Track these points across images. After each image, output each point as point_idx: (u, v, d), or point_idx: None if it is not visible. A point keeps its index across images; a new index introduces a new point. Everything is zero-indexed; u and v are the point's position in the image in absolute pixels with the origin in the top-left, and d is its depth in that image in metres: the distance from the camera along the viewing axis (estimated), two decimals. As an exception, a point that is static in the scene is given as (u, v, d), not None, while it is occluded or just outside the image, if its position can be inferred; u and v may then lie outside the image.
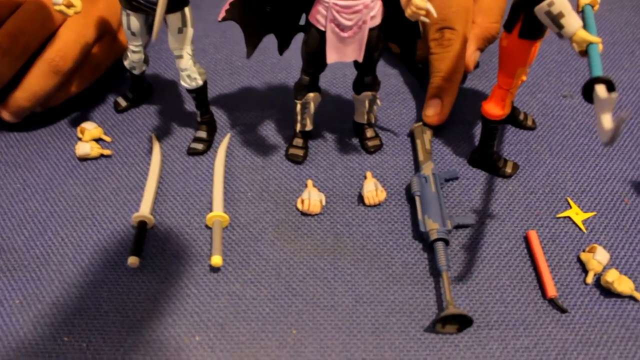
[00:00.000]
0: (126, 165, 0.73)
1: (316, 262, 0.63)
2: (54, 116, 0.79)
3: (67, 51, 0.71)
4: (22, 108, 0.74)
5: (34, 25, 0.70)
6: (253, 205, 0.68)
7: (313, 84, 0.67)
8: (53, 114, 0.78)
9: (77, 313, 0.60)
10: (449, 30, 0.74)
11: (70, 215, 0.68)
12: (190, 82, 0.69)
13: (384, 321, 0.59)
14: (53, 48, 0.71)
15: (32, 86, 0.72)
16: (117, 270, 0.63)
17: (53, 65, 0.71)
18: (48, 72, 0.71)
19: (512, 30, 0.60)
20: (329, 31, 0.60)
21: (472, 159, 0.71)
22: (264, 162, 0.72)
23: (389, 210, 0.67)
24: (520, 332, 0.58)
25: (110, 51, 0.78)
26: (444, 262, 0.61)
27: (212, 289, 0.61)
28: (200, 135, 0.73)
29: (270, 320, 0.59)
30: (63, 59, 0.71)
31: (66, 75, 0.73)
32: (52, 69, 0.71)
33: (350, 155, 0.73)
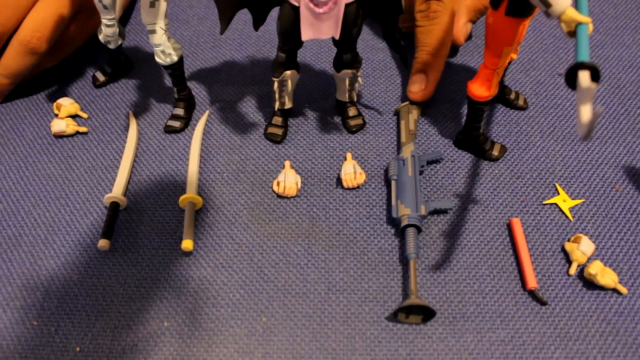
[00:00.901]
0: (102, 143, 0.71)
1: (290, 247, 0.61)
2: (30, 90, 0.77)
3: (43, 31, 0.69)
4: (2, 85, 0.72)
5: (10, 5, 0.68)
6: (228, 187, 0.66)
7: (290, 61, 0.64)
8: (29, 88, 0.77)
9: (46, 296, 0.59)
10: (435, 2, 0.70)
11: (43, 194, 0.67)
12: (165, 58, 0.66)
13: (356, 310, 0.57)
14: (28, 28, 0.69)
15: (10, 65, 0.70)
16: (88, 253, 0.62)
17: (30, 46, 0.69)
18: (24, 53, 0.70)
19: (498, 7, 0.57)
20: (303, 7, 0.57)
21: (457, 141, 0.68)
22: (242, 141, 0.70)
23: (367, 193, 0.65)
24: (497, 325, 0.56)
25: (85, 27, 0.76)
26: (413, 250, 0.58)
27: (182, 274, 0.60)
28: (178, 112, 0.71)
29: (240, 307, 0.58)
30: (39, 39, 0.69)
31: (44, 54, 0.71)
32: (29, 50, 0.69)
33: (331, 135, 0.70)
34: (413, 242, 0.59)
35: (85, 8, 0.74)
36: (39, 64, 0.73)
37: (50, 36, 0.70)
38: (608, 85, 0.74)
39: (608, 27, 0.81)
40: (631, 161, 0.66)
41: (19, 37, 0.69)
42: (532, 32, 0.80)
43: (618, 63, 0.76)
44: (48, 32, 0.69)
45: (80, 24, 0.74)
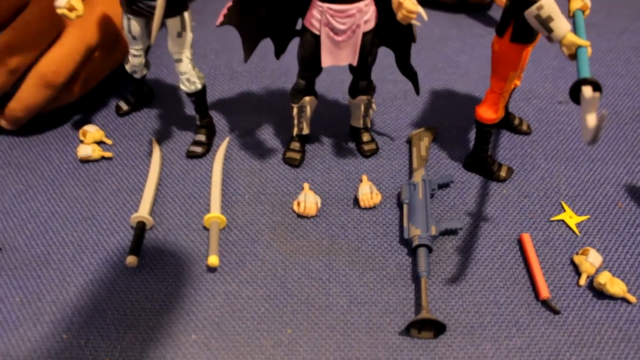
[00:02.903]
0: (126, 168, 0.74)
1: (311, 263, 0.64)
2: (56, 119, 0.80)
3: (60, 66, 0.72)
4: (18, 118, 0.75)
5: (33, 36, 0.71)
6: (250, 208, 0.69)
7: (309, 87, 0.68)
8: (55, 117, 0.80)
9: (75, 311, 0.61)
10: None
11: (71, 215, 0.69)
12: (190, 86, 0.70)
13: (378, 321, 0.60)
14: (46, 62, 0.72)
15: (26, 98, 0.73)
16: (115, 270, 0.64)
17: (45, 79, 0.72)
18: (40, 86, 0.72)
19: (503, 34, 0.62)
20: (324, 35, 0.62)
21: (466, 163, 0.72)
22: (262, 165, 0.73)
23: (383, 213, 0.68)
24: (513, 333, 0.58)
25: (107, 60, 0.79)
26: (424, 268, 0.61)
27: (208, 289, 0.62)
28: (200, 138, 0.74)
29: (266, 319, 0.60)
30: (55, 73, 0.72)
31: (59, 88, 0.74)
32: (44, 83, 0.72)
33: (346, 159, 0.74)
34: (424, 261, 0.62)
35: (106, 41, 0.77)
36: (56, 99, 0.76)
37: (68, 70, 0.73)
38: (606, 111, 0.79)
39: (603, 60, 0.87)
40: (631, 180, 0.70)
41: (36, 69, 0.72)
42: (532, 63, 0.86)
43: (614, 91, 0.81)
44: (65, 66, 0.72)
45: (101, 58, 0.78)
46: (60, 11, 0.61)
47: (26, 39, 0.71)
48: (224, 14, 0.65)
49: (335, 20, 0.60)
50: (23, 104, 0.73)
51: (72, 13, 0.62)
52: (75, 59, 0.73)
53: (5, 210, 0.70)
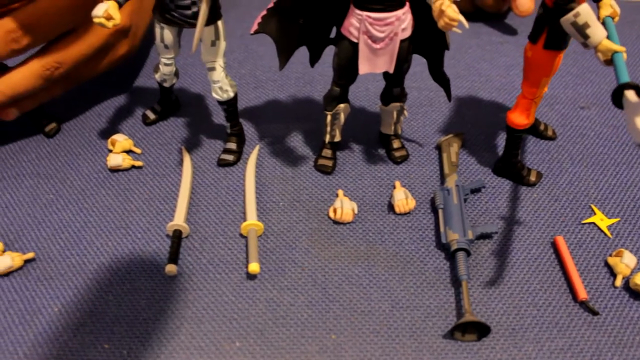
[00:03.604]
0: (157, 177, 0.74)
1: (351, 269, 0.64)
2: (82, 129, 0.80)
3: (65, 62, 0.72)
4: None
5: (51, 24, 0.70)
6: (286, 215, 0.69)
7: (343, 95, 0.69)
8: (81, 127, 0.80)
9: (116, 321, 0.61)
10: None
11: (104, 225, 0.69)
12: (222, 94, 0.70)
13: (421, 325, 0.60)
14: (53, 55, 0.71)
15: (16, 83, 0.71)
16: (153, 279, 0.64)
17: (47, 73, 0.71)
18: (38, 76, 0.71)
19: (537, 41, 0.63)
20: (362, 43, 0.62)
21: (496, 168, 0.73)
22: (294, 173, 0.74)
23: (418, 218, 0.69)
24: (554, 334, 0.59)
25: (98, 67, 0.78)
26: (464, 272, 0.62)
27: (249, 296, 0.62)
28: (230, 146, 0.75)
29: (309, 325, 0.60)
30: (58, 70, 0.72)
31: (53, 82, 0.73)
32: (44, 75, 0.71)
33: (377, 166, 0.74)
34: (463, 264, 0.62)
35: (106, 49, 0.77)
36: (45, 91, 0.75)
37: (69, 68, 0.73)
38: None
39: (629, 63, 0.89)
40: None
41: (41, 60, 0.71)
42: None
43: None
44: (69, 63, 0.72)
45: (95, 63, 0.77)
46: (98, 20, 0.61)
47: (42, 25, 0.69)
48: (258, 22, 0.65)
49: (374, 28, 0.61)
50: (11, 87, 0.71)
51: (110, 22, 0.62)
52: (82, 57, 0.73)
53: (37, 220, 0.70)
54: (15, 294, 0.63)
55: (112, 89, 0.86)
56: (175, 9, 0.65)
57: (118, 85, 0.84)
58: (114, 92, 0.86)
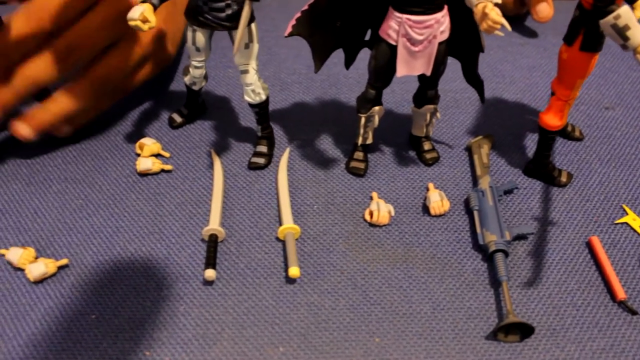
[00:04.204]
0: (188, 180, 0.73)
1: (390, 272, 0.64)
2: (108, 132, 0.79)
3: (111, 76, 0.72)
4: (45, 124, 0.72)
5: (92, 41, 0.71)
6: (321, 218, 0.69)
7: (378, 97, 0.69)
8: (106, 130, 0.79)
9: (155, 327, 0.60)
10: None
11: (137, 230, 0.68)
12: (255, 97, 0.70)
13: (463, 327, 0.60)
14: (100, 70, 0.71)
15: (67, 104, 0.71)
16: (191, 284, 0.63)
17: (94, 88, 0.71)
18: (87, 93, 0.72)
19: (572, 43, 0.63)
20: (400, 45, 0.62)
21: (527, 169, 0.73)
22: (326, 176, 0.74)
23: (453, 220, 0.69)
24: (595, 334, 0.60)
25: (143, 76, 0.79)
26: (504, 273, 0.62)
27: (290, 300, 0.62)
28: (261, 149, 0.74)
29: (352, 329, 0.60)
30: (106, 84, 0.72)
31: (103, 96, 0.73)
32: (93, 92, 0.72)
33: (409, 168, 0.74)
34: (502, 265, 0.63)
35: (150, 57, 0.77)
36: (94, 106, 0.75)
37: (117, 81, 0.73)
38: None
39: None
40: (686, 183, 0.73)
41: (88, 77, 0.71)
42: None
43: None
44: (115, 76, 0.73)
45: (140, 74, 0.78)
46: (134, 23, 0.61)
47: (86, 43, 0.70)
48: (292, 24, 0.65)
49: (414, 31, 0.61)
50: (64, 108, 0.71)
51: (145, 25, 0.61)
52: (125, 70, 0.73)
53: (67, 226, 0.69)
54: (51, 301, 0.62)
55: (137, 92, 0.85)
56: (209, 12, 0.65)
57: (142, 89, 0.83)
58: (138, 95, 0.85)
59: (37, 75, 0.69)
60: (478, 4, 0.57)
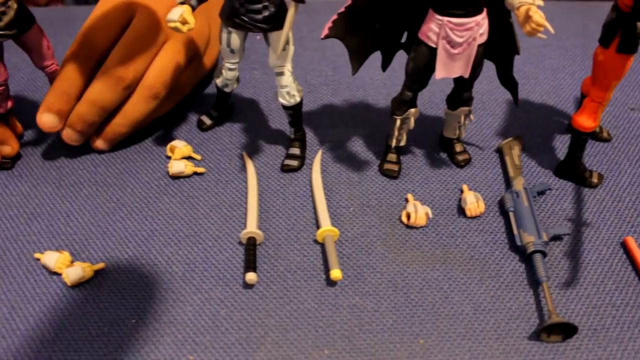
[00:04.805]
0: (221, 183, 0.73)
1: (429, 273, 0.64)
2: (138, 135, 0.78)
3: (166, 76, 0.72)
4: (119, 135, 0.74)
5: (142, 49, 0.71)
6: (357, 220, 0.69)
7: (414, 99, 0.69)
8: (137, 133, 0.78)
9: (197, 331, 0.60)
10: None
11: (172, 233, 0.68)
12: (289, 99, 0.70)
13: (505, 327, 0.60)
14: (153, 73, 0.72)
15: (132, 112, 0.73)
16: (231, 288, 0.63)
17: (154, 91, 0.72)
18: (147, 98, 0.72)
19: (609, 45, 0.64)
20: (440, 48, 0.63)
21: (558, 170, 0.74)
22: (360, 177, 0.74)
23: (488, 221, 0.69)
24: (636, 334, 0.60)
25: (195, 74, 0.79)
26: (543, 273, 0.62)
27: (332, 303, 0.62)
28: (294, 151, 0.74)
29: (396, 331, 0.60)
30: (163, 84, 0.72)
31: (162, 100, 0.74)
32: (152, 95, 0.72)
33: (441, 169, 0.75)
34: (542, 266, 0.63)
35: (197, 55, 0.77)
36: (157, 109, 0.75)
37: (170, 82, 0.73)
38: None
39: None
40: None
41: (144, 83, 0.71)
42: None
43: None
44: (168, 78, 0.72)
45: (192, 71, 0.78)
46: (173, 25, 0.60)
47: (136, 54, 0.70)
48: (328, 26, 0.65)
49: (454, 34, 0.61)
50: (129, 118, 0.73)
51: (185, 27, 0.61)
52: (178, 68, 0.73)
53: (101, 229, 0.68)
54: (89, 306, 0.62)
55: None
56: (246, 13, 0.65)
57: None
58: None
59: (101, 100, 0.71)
60: (520, 6, 0.58)
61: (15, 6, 0.66)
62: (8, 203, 0.72)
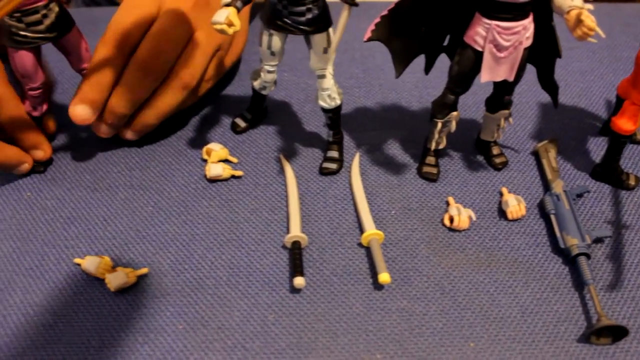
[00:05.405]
0: (259, 186, 0.72)
1: (475, 276, 0.64)
2: (170, 138, 0.78)
3: (195, 68, 0.72)
4: (149, 126, 0.74)
5: (172, 44, 0.70)
6: (400, 223, 0.69)
7: (456, 103, 0.69)
8: (168, 136, 0.78)
9: (246, 337, 0.59)
10: None
11: (213, 237, 0.67)
12: (330, 102, 0.70)
13: (554, 330, 0.61)
14: (181, 65, 0.72)
15: (162, 104, 0.72)
16: (278, 292, 0.63)
17: (182, 82, 0.72)
18: (179, 90, 0.72)
19: (651, 48, 0.64)
20: (487, 51, 0.63)
21: (595, 173, 0.74)
22: (399, 181, 0.73)
23: (529, 223, 0.70)
24: (683, 335, 0.61)
25: (220, 67, 0.79)
26: (589, 276, 0.63)
27: (380, 307, 0.62)
28: (332, 154, 0.74)
29: (446, 334, 0.60)
30: (192, 76, 0.72)
31: (191, 91, 0.73)
32: (182, 86, 0.72)
33: (479, 172, 0.75)
34: (587, 269, 0.63)
35: (222, 49, 0.77)
36: (184, 101, 0.75)
37: (199, 74, 0.73)
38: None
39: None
40: None
41: (174, 75, 0.71)
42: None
43: None
44: (200, 68, 0.73)
45: (216, 64, 0.77)
46: (220, 27, 0.60)
47: (165, 45, 0.70)
48: (371, 29, 0.65)
49: (501, 37, 0.61)
50: (159, 109, 0.72)
51: (231, 29, 0.60)
52: (207, 60, 0.73)
53: (140, 234, 0.67)
54: (134, 312, 0.61)
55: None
56: (289, 16, 0.64)
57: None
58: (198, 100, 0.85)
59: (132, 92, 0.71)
60: (570, 10, 0.58)
61: (57, 9, 0.65)
62: (43, 207, 0.70)
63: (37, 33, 0.64)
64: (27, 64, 0.66)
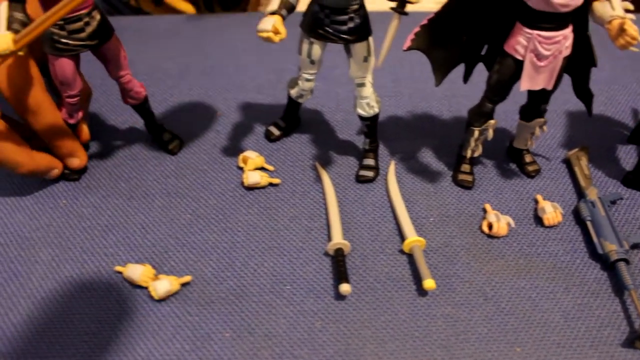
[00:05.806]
0: (297, 194, 0.72)
1: (516, 282, 0.65)
2: (204, 146, 0.78)
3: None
4: None
5: None
6: (438, 230, 0.69)
7: (493, 111, 0.70)
8: (202, 144, 0.78)
9: (295, 345, 0.59)
10: None
11: (254, 245, 0.67)
12: (369, 110, 0.70)
13: (597, 335, 0.61)
14: None
15: None
16: (323, 299, 0.63)
17: None
18: None
19: (683, 58, 0.66)
20: (527, 61, 0.64)
21: (626, 180, 0.75)
22: (435, 188, 0.74)
23: (565, 230, 0.70)
24: None
25: None
26: (630, 281, 0.63)
27: (425, 313, 0.62)
28: (369, 162, 0.74)
29: (491, 340, 0.60)
30: None
31: None
32: None
33: (513, 180, 0.76)
34: (627, 274, 0.64)
35: None
36: None
37: None
38: None
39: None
40: None
41: None
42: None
43: None
44: None
45: None
46: (266, 35, 0.60)
47: None
48: (411, 38, 0.66)
49: (542, 47, 0.62)
50: None
51: (277, 37, 0.61)
52: None
53: (180, 242, 0.67)
54: (179, 320, 0.61)
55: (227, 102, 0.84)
56: (330, 24, 0.65)
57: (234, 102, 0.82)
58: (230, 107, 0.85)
59: None
60: (612, 20, 0.59)
61: (99, 17, 0.65)
62: (80, 214, 0.70)
63: (78, 41, 0.64)
64: (67, 71, 0.66)
